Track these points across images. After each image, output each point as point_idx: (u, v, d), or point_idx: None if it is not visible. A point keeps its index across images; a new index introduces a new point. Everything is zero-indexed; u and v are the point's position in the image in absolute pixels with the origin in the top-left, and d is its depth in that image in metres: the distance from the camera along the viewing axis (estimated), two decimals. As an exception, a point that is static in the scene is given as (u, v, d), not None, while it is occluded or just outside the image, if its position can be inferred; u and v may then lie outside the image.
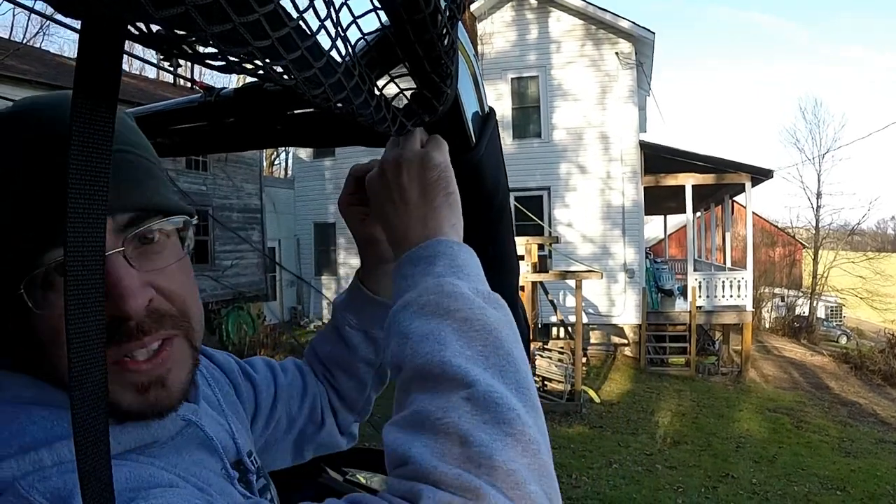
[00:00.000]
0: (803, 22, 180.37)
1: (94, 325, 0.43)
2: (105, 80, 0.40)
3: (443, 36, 0.64)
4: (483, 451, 0.55)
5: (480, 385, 0.59)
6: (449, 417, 0.58)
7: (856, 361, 20.48)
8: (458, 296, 0.67)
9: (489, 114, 0.99)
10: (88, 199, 0.41)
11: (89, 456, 0.42)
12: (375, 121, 0.64)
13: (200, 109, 1.36)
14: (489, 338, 0.64)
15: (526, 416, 0.59)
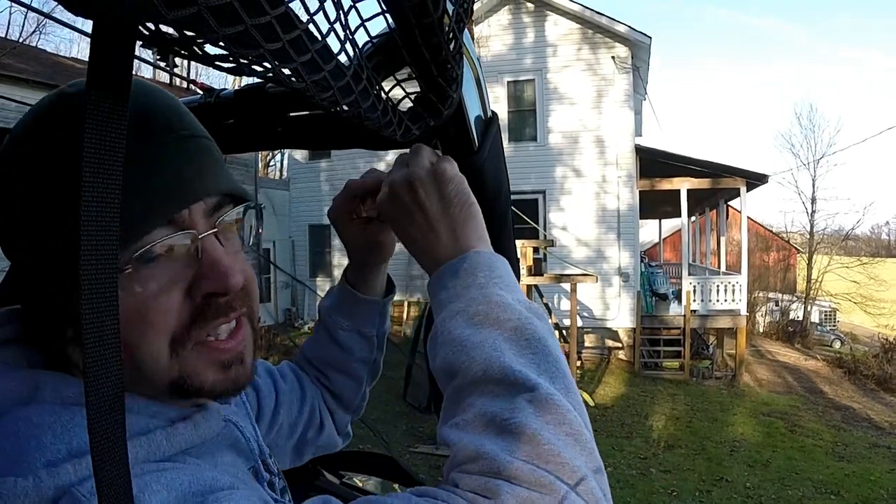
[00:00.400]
0: (800, 23, 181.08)
1: (109, 323, 0.42)
2: (116, 79, 0.40)
3: (450, 40, 0.64)
4: (551, 448, 0.58)
5: (542, 388, 0.62)
6: (516, 418, 0.60)
7: (850, 366, 20.52)
8: (506, 306, 0.70)
9: (492, 118, 0.99)
10: (102, 200, 0.41)
11: (106, 462, 0.41)
12: (382, 125, 0.64)
13: (200, 111, 1.35)
14: (538, 346, 0.67)
15: (579, 418, 0.63)
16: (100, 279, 0.42)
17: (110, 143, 0.40)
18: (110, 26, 0.38)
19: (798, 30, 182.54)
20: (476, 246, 0.78)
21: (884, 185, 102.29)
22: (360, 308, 1.13)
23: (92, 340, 0.41)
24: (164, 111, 0.66)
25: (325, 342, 1.17)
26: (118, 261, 0.41)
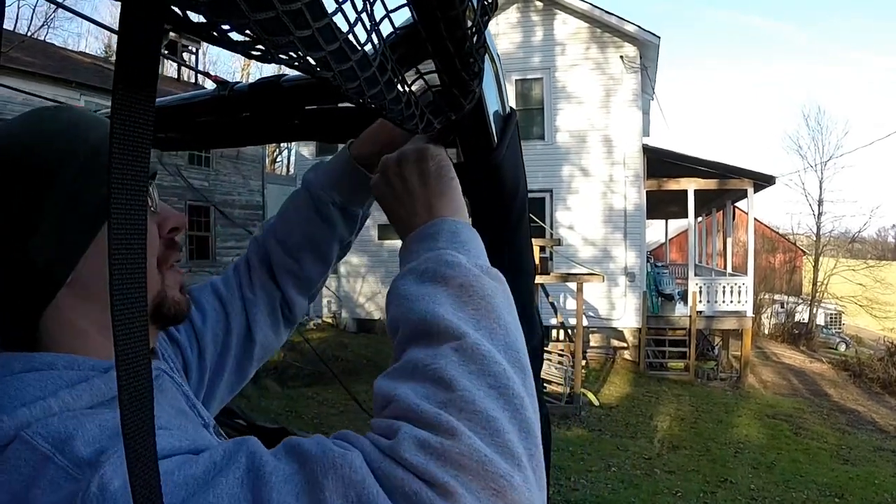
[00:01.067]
0: (807, 24, 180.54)
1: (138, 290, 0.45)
2: (144, 65, 0.39)
3: (474, 33, 0.64)
4: (465, 395, 0.58)
5: (469, 338, 0.62)
6: (437, 364, 0.61)
7: (855, 369, 20.52)
8: (455, 265, 0.71)
9: (510, 114, 0.99)
10: (132, 185, 0.42)
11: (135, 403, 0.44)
12: (404, 117, 0.63)
13: (214, 104, 1.35)
14: (482, 303, 0.68)
15: (513, 373, 0.62)
16: (132, 260, 0.44)
17: (139, 125, 0.40)
18: (139, 9, 0.37)
19: (806, 31, 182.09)
20: (447, 215, 0.81)
21: (891, 188, 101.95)
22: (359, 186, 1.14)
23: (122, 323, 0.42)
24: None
25: (306, 219, 1.17)
26: (145, 238, 0.44)
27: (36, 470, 0.60)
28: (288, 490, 0.54)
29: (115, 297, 0.42)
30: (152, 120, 0.41)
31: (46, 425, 0.63)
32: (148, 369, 0.43)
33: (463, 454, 0.54)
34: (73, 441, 0.61)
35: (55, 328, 0.79)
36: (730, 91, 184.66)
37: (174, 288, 0.88)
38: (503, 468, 0.55)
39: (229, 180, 19.57)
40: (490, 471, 0.54)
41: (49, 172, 0.76)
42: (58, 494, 0.58)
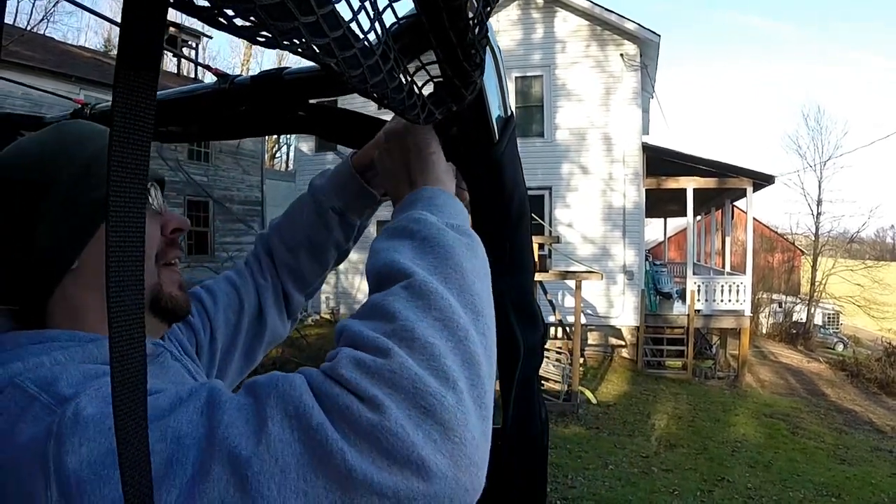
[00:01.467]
0: (802, 23, 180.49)
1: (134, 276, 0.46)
2: (147, 48, 0.39)
3: (476, 24, 0.64)
4: (406, 325, 0.62)
5: (418, 276, 0.67)
6: (385, 300, 0.66)
7: (852, 369, 20.53)
8: (422, 221, 0.76)
9: (510, 116, 1.00)
10: (132, 168, 0.42)
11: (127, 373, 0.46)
12: (406, 107, 0.63)
13: (214, 96, 1.35)
14: (442, 252, 0.72)
15: (461, 311, 0.66)
16: (128, 236, 0.44)
17: (141, 111, 0.40)
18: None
19: (805, 31, 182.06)
20: (428, 184, 0.87)
21: (890, 189, 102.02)
22: (357, 194, 1.20)
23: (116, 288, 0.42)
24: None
25: (308, 220, 1.25)
26: (144, 222, 0.46)
27: (22, 409, 0.66)
28: (239, 415, 0.59)
29: (111, 262, 0.44)
30: (154, 103, 0.41)
31: (35, 372, 0.71)
32: (141, 346, 0.46)
33: (394, 371, 0.58)
34: (57, 383, 0.68)
35: (61, 310, 0.88)
36: (729, 90, 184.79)
37: (171, 285, 0.97)
38: (434, 388, 0.58)
39: (228, 175, 19.55)
40: (420, 388, 0.57)
41: (56, 169, 0.87)
42: (38, 426, 0.63)
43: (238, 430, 0.58)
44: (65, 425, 0.62)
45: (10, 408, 0.68)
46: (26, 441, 0.63)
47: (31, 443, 0.63)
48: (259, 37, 0.40)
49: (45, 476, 0.60)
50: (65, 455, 0.60)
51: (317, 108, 1.18)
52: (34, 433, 0.63)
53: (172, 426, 0.60)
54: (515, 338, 1.05)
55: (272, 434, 0.56)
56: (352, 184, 1.20)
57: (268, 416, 0.57)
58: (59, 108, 10.85)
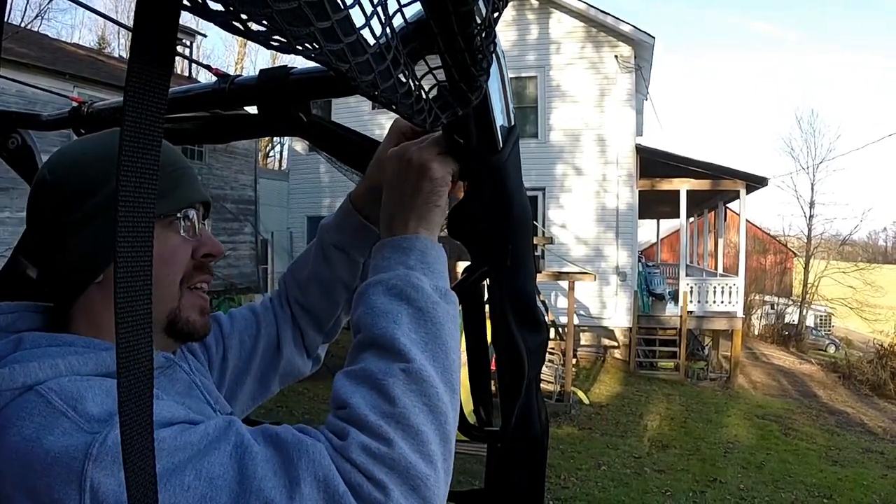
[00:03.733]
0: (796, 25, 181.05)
1: (143, 280, 0.46)
2: (160, 46, 0.39)
3: (484, 29, 0.64)
4: (403, 412, 0.74)
5: (416, 363, 0.77)
6: (387, 381, 0.76)
7: (844, 371, 20.61)
8: (420, 289, 0.84)
9: (514, 126, 1.01)
10: (142, 167, 0.43)
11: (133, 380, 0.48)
12: (413, 112, 0.63)
13: (213, 96, 1.34)
14: (433, 328, 0.82)
15: (444, 393, 0.78)
16: (139, 233, 0.45)
17: (152, 112, 0.40)
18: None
19: (799, 32, 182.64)
20: (421, 233, 0.92)
21: (882, 192, 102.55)
22: (357, 231, 1.21)
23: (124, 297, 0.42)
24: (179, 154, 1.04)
25: (313, 256, 1.27)
26: (153, 218, 0.46)
27: (49, 421, 0.71)
28: (268, 467, 0.69)
29: (119, 260, 0.45)
30: (165, 97, 0.41)
31: (59, 384, 0.75)
32: (149, 356, 0.48)
33: (394, 459, 0.71)
34: (84, 401, 0.73)
35: (82, 317, 0.93)
36: (723, 92, 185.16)
37: (192, 309, 0.99)
38: (422, 471, 0.72)
39: (222, 174, 19.49)
40: (413, 473, 0.71)
41: (99, 180, 0.91)
42: (72, 440, 0.69)
43: (271, 484, 0.68)
44: (105, 451, 0.68)
45: (35, 416, 0.72)
46: (59, 453, 0.68)
47: (65, 457, 0.68)
48: (273, 41, 0.40)
49: (80, 491, 0.67)
50: (104, 478, 0.67)
51: (316, 120, 1.18)
52: (66, 447, 0.69)
53: (206, 467, 0.69)
54: (516, 342, 1.05)
55: (304, 494, 0.68)
56: (351, 220, 1.21)
57: (301, 478, 0.68)
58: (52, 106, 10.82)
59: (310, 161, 21.24)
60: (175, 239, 0.96)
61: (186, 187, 1.00)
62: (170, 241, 0.95)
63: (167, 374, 0.96)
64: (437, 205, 0.94)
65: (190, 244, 0.99)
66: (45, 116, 1.77)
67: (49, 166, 0.97)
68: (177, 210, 0.97)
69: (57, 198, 0.92)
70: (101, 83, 15.10)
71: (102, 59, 20.04)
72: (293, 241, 21.77)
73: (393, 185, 0.97)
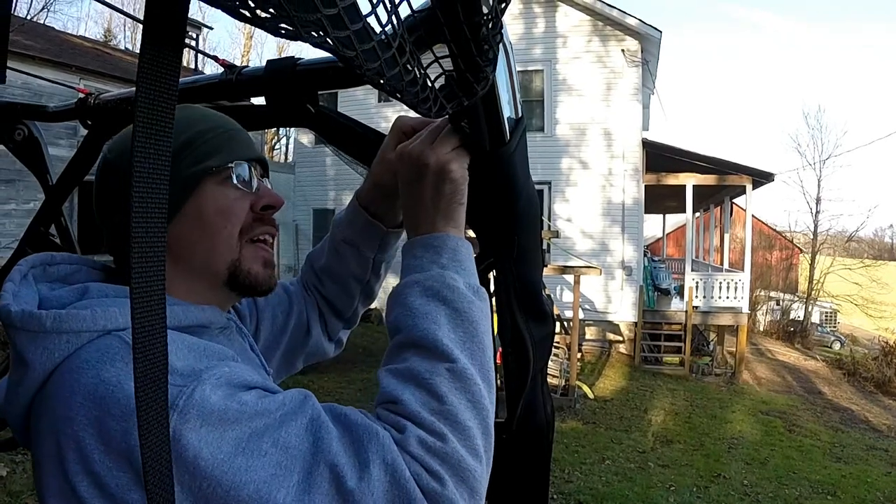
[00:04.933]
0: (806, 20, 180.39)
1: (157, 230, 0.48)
2: (171, 28, 0.40)
3: (491, 19, 0.64)
4: (452, 410, 0.79)
5: (460, 363, 0.82)
6: (434, 380, 0.81)
7: (849, 368, 20.56)
8: (455, 289, 0.89)
9: (521, 117, 1.01)
10: (156, 140, 0.44)
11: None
12: (419, 101, 0.64)
13: (220, 88, 1.35)
14: (471, 328, 0.87)
15: (485, 390, 0.84)
16: (152, 211, 0.47)
17: (164, 96, 0.40)
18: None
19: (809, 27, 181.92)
20: (450, 231, 0.95)
21: (889, 188, 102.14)
22: (364, 228, 1.23)
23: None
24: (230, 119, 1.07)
25: (327, 250, 1.31)
26: (165, 200, 0.49)
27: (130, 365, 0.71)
28: (340, 445, 0.74)
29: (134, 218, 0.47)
30: (177, 77, 0.42)
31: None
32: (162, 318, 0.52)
33: (448, 453, 0.76)
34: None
35: None
36: (730, 87, 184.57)
37: (254, 261, 1.01)
38: (471, 464, 0.77)
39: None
40: (463, 466, 0.77)
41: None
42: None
43: (343, 460, 0.73)
44: (191, 404, 0.71)
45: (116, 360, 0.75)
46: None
47: None
48: (281, 28, 0.40)
49: None
50: (187, 431, 0.69)
51: (323, 112, 1.18)
52: None
53: (284, 436, 0.73)
54: (521, 333, 1.05)
55: (373, 475, 0.72)
56: (359, 217, 1.23)
57: (370, 460, 0.73)
58: (58, 98, 10.75)
59: (316, 154, 21.25)
60: (230, 191, 0.99)
61: (238, 145, 1.03)
62: (225, 194, 0.98)
63: (225, 334, 1.01)
64: (460, 203, 0.96)
65: (248, 197, 1.01)
66: (51, 108, 1.78)
67: (109, 147, 1.04)
68: (228, 163, 0.99)
69: (119, 173, 0.97)
70: (107, 75, 15.14)
71: (108, 51, 20.07)
72: (299, 233, 21.80)
73: (413, 188, 0.98)
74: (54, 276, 0.94)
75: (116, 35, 38.59)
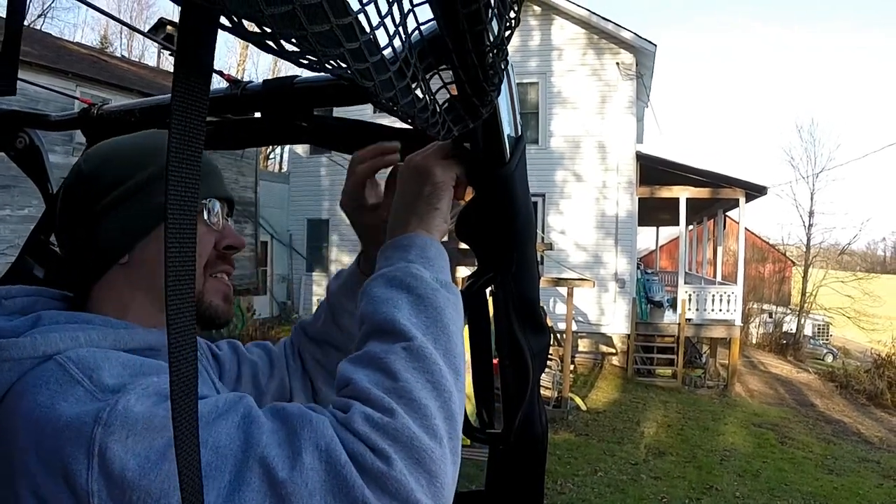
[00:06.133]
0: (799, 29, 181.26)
1: (188, 262, 0.51)
2: (201, 60, 0.42)
3: (497, 45, 0.66)
4: (405, 386, 0.73)
5: (417, 341, 0.77)
6: (387, 358, 0.76)
7: (841, 380, 20.58)
8: (420, 278, 0.85)
9: (521, 136, 1.04)
10: (188, 164, 0.47)
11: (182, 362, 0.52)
12: (429, 125, 0.66)
13: (225, 101, 1.36)
14: (434, 313, 0.82)
15: (448, 373, 0.77)
16: (184, 226, 0.49)
17: (195, 122, 0.43)
18: (201, 15, 0.40)
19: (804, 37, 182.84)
20: (420, 232, 0.94)
21: (881, 202, 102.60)
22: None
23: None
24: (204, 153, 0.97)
25: (327, 321, 1.30)
26: (196, 207, 0.50)
27: (65, 389, 0.74)
28: (273, 438, 0.70)
29: (168, 247, 0.49)
30: (206, 103, 0.44)
31: (77, 354, 0.78)
32: (192, 330, 0.52)
33: (397, 429, 0.70)
34: (100, 371, 0.76)
35: (103, 297, 1.00)
36: (723, 101, 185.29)
37: (215, 294, 1.05)
38: (427, 444, 0.70)
39: (223, 175, 19.46)
40: (416, 445, 0.70)
41: (130, 171, 1.00)
42: (84, 407, 0.72)
43: (275, 453, 0.69)
44: (114, 416, 0.70)
45: (51, 384, 0.75)
46: (70, 419, 0.71)
47: (76, 422, 0.71)
48: (304, 59, 0.43)
49: (88, 456, 0.69)
50: (112, 443, 0.68)
51: (321, 119, 1.20)
52: (78, 414, 0.71)
53: (214, 437, 0.70)
54: (520, 346, 1.07)
55: (306, 464, 0.68)
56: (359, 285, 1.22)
57: (302, 448, 0.69)
58: (54, 104, 10.73)
59: (310, 164, 21.28)
60: (200, 226, 1.00)
61: (212, 181, 1.08)
62: (204, 219, 1.03)
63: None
64: (436, 207, 0.95)
65: (213, 234, 1.05)
66: (53, 117, 1.79)
67: (85, 157, 1.06)
68: (202, 199, 1.02)
69: (90, 185, 1.00)
70: (104, 83, 15.11)
71: (105, 58, 20.07)
72: (293, 243, 21.78)
73: (399, 192, 1.00)
74: (11, 309, 0.95)
75: (113, 42, 38.62)
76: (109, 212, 0.99)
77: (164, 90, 1.43)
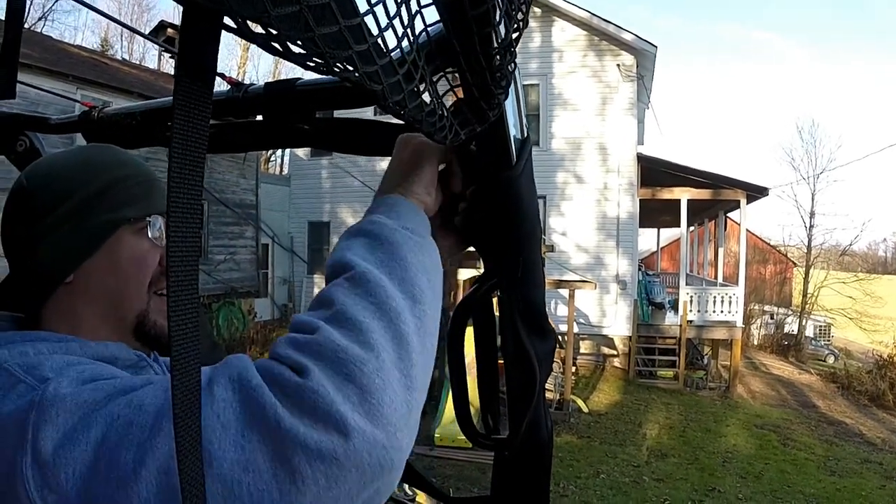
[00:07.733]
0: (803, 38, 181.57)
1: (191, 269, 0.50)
2: (204, 64, 0.42)
3: (505, 47, 0.65)
4: (341, 309, 0.67)
5: (360, 268, 0.71)
6: (329, 291, 0.71)
7: (843, 381, 20.56)
8: (379, 224, 0.79)
9: (527, 138, 1.02)
10: (191, 168, 0.46)
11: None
12: (436, 129, 0.64)
13: (226, 104, 1.35)
14: (389, 248, 0.76)
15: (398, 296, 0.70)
16: (187, 233, 0.48)
17: (198, 125, 0.42)
18: (204, 17, 0.38)
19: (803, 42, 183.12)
20: (395, 194, 0.87)
21: (882, 202, 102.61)
22: None
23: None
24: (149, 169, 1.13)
25: None
26: (200, 211, 0.49)
27: (9, 388, 0.75)
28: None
29: (170, 252, 0.48)
30: (209, 118, 0.43)
31: (23, 358, 0.81)
32: (197, 344, 0.51)
33: (319, 343, 0.64)
34: (41, 367, 0.77)
35: (54, 316, 0.99)
36: (724, 102, 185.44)
37: (160, 314, 1.03)
38: (355, 355, 0.63)
39: (223, 178, 19.50)
40: (342, 357, 0.63)
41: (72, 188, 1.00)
42: (21, 401, 0.72)
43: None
44: (45, 398, 0.70)
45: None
46: (11, 411, 0.72)
47: (16, 413, 0.71)
48: (311, 62, 0.41)
49: (23, 442, 0.68)
50: (42, 424, 0.68)
51: (323, 121, 1.19)
52: (18, 405, 0.72)
53: (138, 396, 0.69)
54: (527, 351, 1.06)
55: (217, 395, 0.63)
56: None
57: (214, 381, 0.64)
58: (54, 107, 10.73)
59: (311, 166, 21.27)
60: (145, 243, 1.03)
61: (157, 198, 1.08)
62: (140, 245, 1.03)
63: (135, 371, 0.96)
64: (415, 172, 0.90)
65: (158, 250, 1.05)
66: (54, 120, 1.78)
67: (26, 175, 1.04)
68: (146, 215, 1.04)
69: (31, 204, 0.99)
70: (105, 85, 15.12)
71: (105, 61, 20.09)
72: (294, 245, 21.78)
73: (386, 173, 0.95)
74: None
75: (113, 45, 38.64)
76: (50, 233, 0.99)
77: (164, 93, 1.40)
